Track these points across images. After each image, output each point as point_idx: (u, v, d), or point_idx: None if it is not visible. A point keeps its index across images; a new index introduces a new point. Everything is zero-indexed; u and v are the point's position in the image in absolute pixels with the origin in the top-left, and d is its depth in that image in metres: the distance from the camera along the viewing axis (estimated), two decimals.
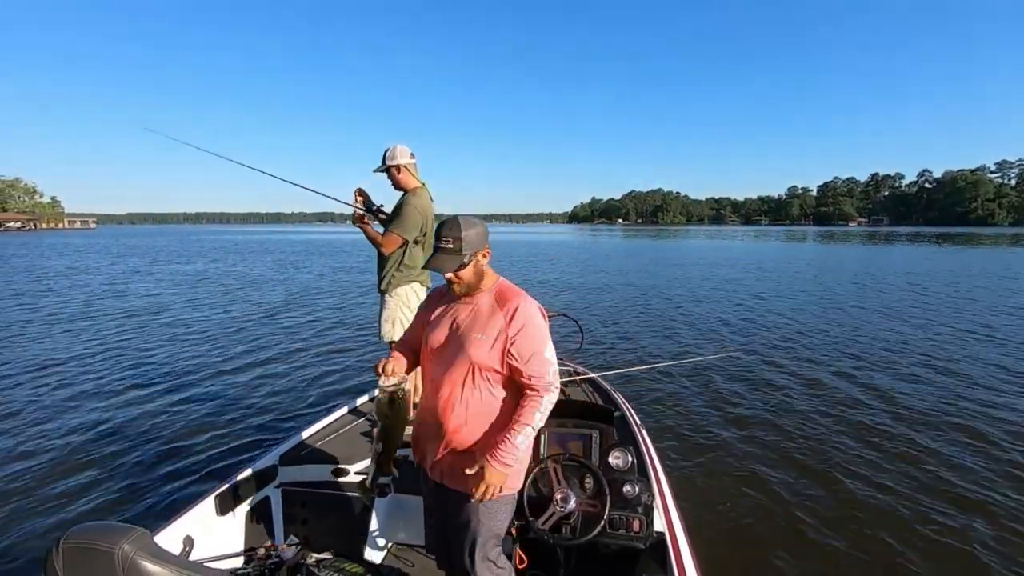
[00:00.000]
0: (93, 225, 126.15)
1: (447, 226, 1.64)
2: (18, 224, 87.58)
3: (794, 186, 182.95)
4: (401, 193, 3.25)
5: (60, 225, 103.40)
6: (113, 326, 9.10)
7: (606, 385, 3.14)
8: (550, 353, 1.67)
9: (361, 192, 3.31)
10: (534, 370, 1.63)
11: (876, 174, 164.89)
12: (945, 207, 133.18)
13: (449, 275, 1.65)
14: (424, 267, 1.81)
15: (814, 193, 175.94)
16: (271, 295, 13.20)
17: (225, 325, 9.19)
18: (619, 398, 2.98)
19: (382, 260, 3.35)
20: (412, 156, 3.19)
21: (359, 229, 3.30)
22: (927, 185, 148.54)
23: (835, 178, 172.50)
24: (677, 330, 9.15)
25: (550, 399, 1.66)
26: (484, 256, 1.70)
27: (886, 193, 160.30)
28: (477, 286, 1.70)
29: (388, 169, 3.18)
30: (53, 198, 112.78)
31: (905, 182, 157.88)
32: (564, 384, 3.18)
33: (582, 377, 3.26)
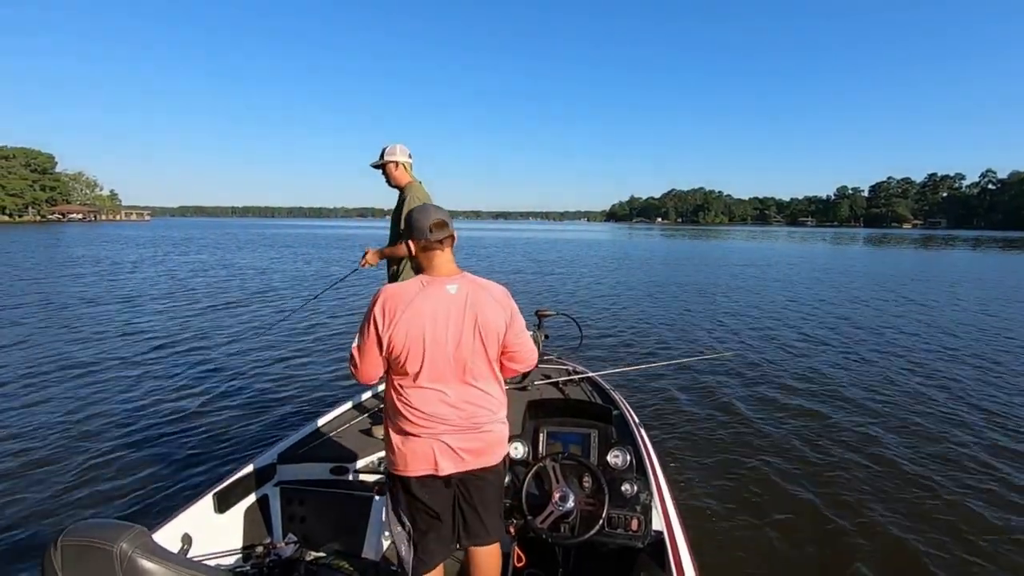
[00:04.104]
0: (147, 217, 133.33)
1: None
2: (80, 215, 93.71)
3: (843, 186, 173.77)
4: (396, 192, 3.31)
5: (117, 217, 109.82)
6: (112, 317, 9.29)
7: (605, 384, 3.06)
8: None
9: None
10: None
11: (934, 174, 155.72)
12: (1010, 210, 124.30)
13: None
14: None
15: (865, 194, 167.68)
16: (274, 288, 13.38)
17: (225, 319, 9.26)
18: (618, 397, 2.91)
19: (397, 257, 3.26)
20: (409, 156, 3.28)
21: (378, 263, 3.23)
22: (991, 186, 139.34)
23: (889, 178, 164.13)
24: (680, 330, 8.94)
25: None
26: None
27: (944, 194, 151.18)
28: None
29: (385, 165, 3.25)
30: (112, 191, 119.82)
31: (966, 183, 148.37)
32: (563, 383, 3.08)
33: (581, 376, 3.18)
